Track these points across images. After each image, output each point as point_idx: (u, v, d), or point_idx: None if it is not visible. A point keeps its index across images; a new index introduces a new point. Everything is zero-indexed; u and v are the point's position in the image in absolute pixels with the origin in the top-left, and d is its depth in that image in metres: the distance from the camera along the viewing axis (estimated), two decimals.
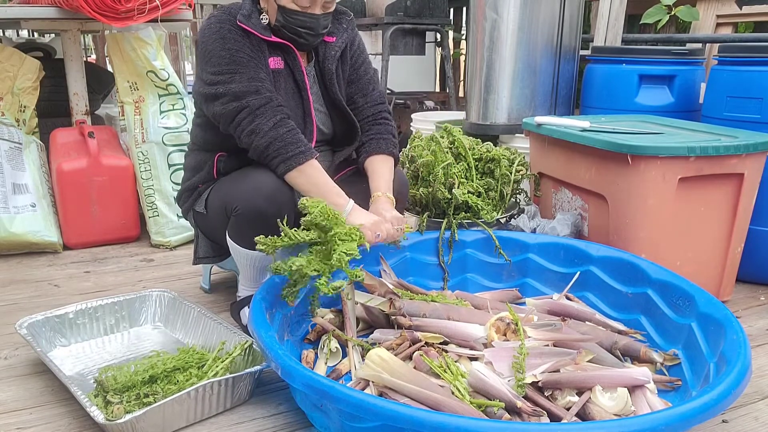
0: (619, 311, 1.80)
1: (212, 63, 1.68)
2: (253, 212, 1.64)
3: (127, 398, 1.40)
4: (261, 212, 1.63)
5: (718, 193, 1.93)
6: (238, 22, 1.69)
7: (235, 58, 1.66)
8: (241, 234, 1.71)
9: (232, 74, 1.66)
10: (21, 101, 2.71)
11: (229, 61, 1.66)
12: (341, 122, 1.91)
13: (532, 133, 2.34)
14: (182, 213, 1.99)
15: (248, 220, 1.66)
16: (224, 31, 1.68)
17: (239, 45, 1.67)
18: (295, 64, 1.78)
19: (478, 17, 2.83)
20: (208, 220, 1.85)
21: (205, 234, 1.95)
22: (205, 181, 1.86)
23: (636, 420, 1.11)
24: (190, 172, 1.91)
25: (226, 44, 1.67)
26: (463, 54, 5.19)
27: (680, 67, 2.49)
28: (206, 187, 1.85)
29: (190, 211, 1.91)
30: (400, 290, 1.85)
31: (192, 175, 1.89)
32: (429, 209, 2.12)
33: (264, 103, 1.65)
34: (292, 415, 1.47)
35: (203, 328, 1.75)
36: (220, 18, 1.71)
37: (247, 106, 1.65)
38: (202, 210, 1.84)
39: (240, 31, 1.69)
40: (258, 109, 1.65)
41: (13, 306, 2.09)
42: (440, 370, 1.45)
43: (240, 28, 1.69)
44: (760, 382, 1.62)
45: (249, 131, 1.65)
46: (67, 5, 2.52)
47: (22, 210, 2.53)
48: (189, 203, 1.90)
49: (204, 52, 1.70)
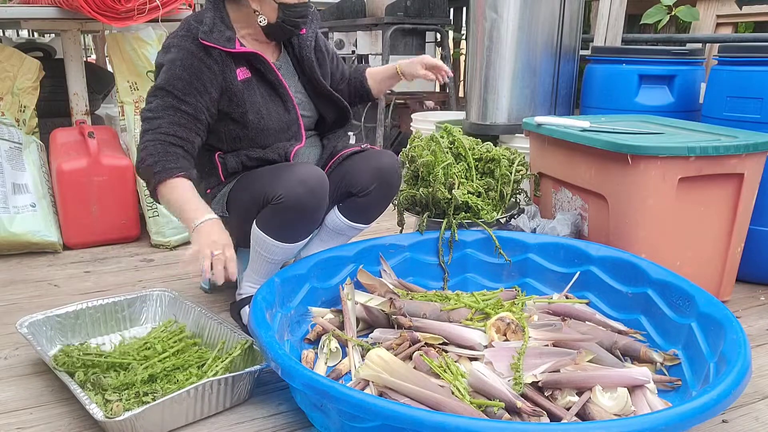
0: (619, 311, 1.80)
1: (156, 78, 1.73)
2: (296, 202, 1.66)
3: (127, 396, 1.40)
4: (303, 203, 1.66)
5: (718, 193, 1.93)
6: (201, 40, 1.70)
7: (166, 87, 1.67)
8: (275, 224, 1.71)
9: (154, 97, 1.69)
10: (21, 101, 2.71)
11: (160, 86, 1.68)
12: (328, 107, 1.96)
13: (532, 133, 2.34)
14: None
15: (288, 209, 1.67)
16: (176, 57, 1.69)
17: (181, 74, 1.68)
18: (265, 66, 1.80)
19: (478, 17, 2.83)
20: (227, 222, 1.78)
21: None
22: (213, 185, 1.85)
23: (636, 420, 1.11)
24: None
25: (169, 70, 1.68)
26: (463, 54, 5.19)
27: (680, 67, 2.49)
28: (218, 190, 1.84)
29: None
30: (400, 290, 1.85)
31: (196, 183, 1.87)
32: (429, 209, 2.12)
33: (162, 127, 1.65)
34: (292, 415, 1.47)
35: (203, 327, 1.75)
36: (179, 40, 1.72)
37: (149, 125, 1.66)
38: (221, 213, 1.81)
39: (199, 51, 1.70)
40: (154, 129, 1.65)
41: (13, 306, 2.09)
42: (440, 370, 1.45)
43: (201, 46, 1.70)
44: (760, 382, 1.62)
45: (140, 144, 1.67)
46: (67, 5, 2.52)
47: (22, 210, 2.53)
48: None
49: (156, 64, 1.75)
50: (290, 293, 1.72)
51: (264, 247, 1.76)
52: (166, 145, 1.64)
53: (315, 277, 1.81)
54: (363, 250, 1.92)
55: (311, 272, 1.79)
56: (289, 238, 1.74)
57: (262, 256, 1.79)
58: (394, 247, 1.97)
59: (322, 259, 1.83)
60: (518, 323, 1.57)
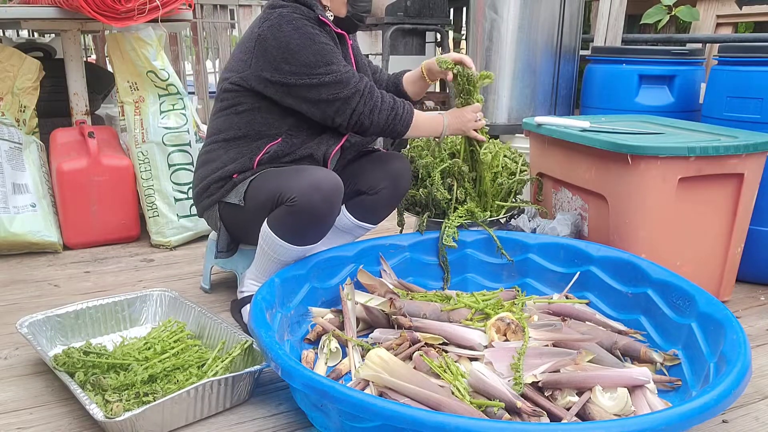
0: (619, 311, 1.80)
1: (303, 54, 1.75)
2: (308, 206, 1.67)
3: (127, 397, 1.40)
4: (315, 208, 1.67)
5: (718, 193, 1.93)
6: (320, 17, 1.80)
7: (326, 50, 1.77)
8: (286, 225, 1.71)
9: (328, 65, 1.76)
10: (21, 101, 2.71)
11: (324, 52, 1.76)
12: None
13: (532, 133, 2.34)
14: (202, 206, 1.93)
15: (300, 212, 1.68)
16: (308, 27, 1.77)
17: (326, 39, 1.79)
18: (346, 52, 1.91)
19: (478, 17, 2.83)
20: (242, 211, 1.81)
21: (229, 227, 1.90)
22: (242, 170, 1.83)
23: (636, 420, 1.11)
24: (218, 163, 1.86)
25: (316, 38, 1.76)
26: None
27: (680, 67, 2.49)
28: (244, 177, 1.83)
29: (218, 204, 1.87)
30: (400, 290, 1.85)
31: (222, 165, 1.85)
32: (429, 209, 2.12)
33: (366, 84, 1.81)
34: (292, 415, 1.47)
35: (203, 327, 1.75)
36: (293, 16, 1.77)
37: (363, 90, 1.80)
38: (238, 201, 1.81)
39: (318, 25, 1.79)
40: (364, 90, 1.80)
41: (14, 306, 2.09)
42: (440, 370, 1.45)
43: (320, 22, 1.80)
44: (760, 382, 1.62)
45: (368, 111, 1.81)
46: (67, 5, 2.51)
47: (22, 210, 2.53)
48: (219, 195, 1.85)
49: (287, 46, 1.74)
50: (290, 293, 1.72)
51: (271, 247, 1.76)
52: (379, 99, 1.82)
53: (315, 277, 1.81)
54: (363, 250, 1.92)
55: (311, 272, 1.79)
56: (297, 240, 1.74)
57: (268, 255, 1.79)
58: (394, 247, 1.97)
59: (322, 259, 1.83)
60: (518, 323, 1.57)
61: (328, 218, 1.73)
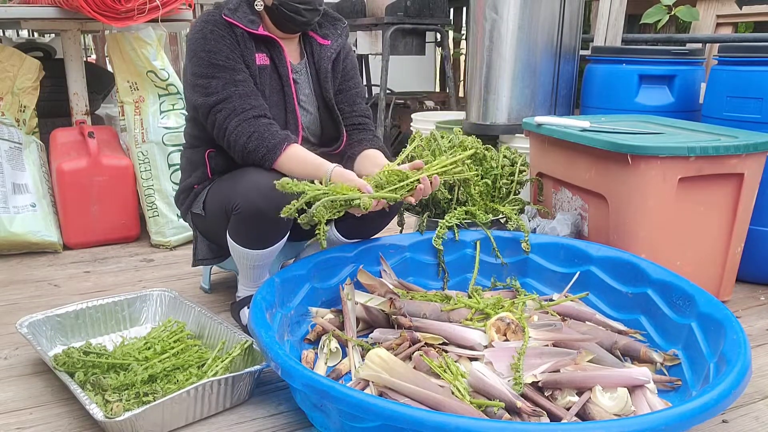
0: (619, 311, 1.80)
1: (194, 62, 1.74)
2: (253, 210, 1.64)
3: (127, 397, 1.40)
4: (260, 210, 1.63)
5: (718, 193, 1.93)
6: (224, 16, 1.73)
7: (212, 61, 1.71)
8: (241, 233, 1.71)
9: (209, 78, 1.71)
10: (21, 101, 2.71)
11: (207, 63, 1.71)
12: (329, 123, 1.93)
13: (532, 133, 2.34)
14: (181, 214, 1.99)
15: (248, 218, 1.66)
16: (206, 30, 1.72)
17: (219, 46, 1.71)
18: (280, 58, 1.80)
19: (478, 17, 2.83)
20: (206, 221, 1.84)
21: (204, 235, 1.94)
22: (200, 182, 1.86)
23: (636, 420, 1.11)
24: (185, 173, 1.92)
25: (206, 45, 1.71)
26: (463, 54, 5.20)
27: (680, 67, 2.49)
28: (202, 187, 1.85)
29: (188, 213, 1.91)
30: (400, 290, 1.85)
31: (187, 175, 1.90)
32: (429, 209, 2.12)
33: (237, 106, 1.70)
34: (292, 415, 1.47)
35: (203, 327, 1.75)
36: (206, 16, 1.75)
37: (223, 110, 1.70)
38: (200, 212, 1.83)
39: (225, 27, 1.73)
40: (232, 113, 1.69)
41: (13, 306, 2.09)
42: (440, 370, 1.45)
43: (225, 22, 1.73)
44: (760, 382, 1.62)
45: (228, 133, 1.70)
46: (67, 5, 2.52)
47: (22, 210, 2.53)
48: (186, 204, 1.90)
49: (188, 49, 1.75)
50: (290, 293, 1.71)
51: (240, 255, 1.77)
52: (252, 123, 1.68)
53: (315, 277, 1.81)
54: (363, 250, 1.92)
55: (311, 272, 1.79)
56: (258, 244, 1.72)
57: (242, 263, 1.80)
58: (394, 248, 1.97)
59: (322, 259, 1.83)
60: (518, 323, 1.57)
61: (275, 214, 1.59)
